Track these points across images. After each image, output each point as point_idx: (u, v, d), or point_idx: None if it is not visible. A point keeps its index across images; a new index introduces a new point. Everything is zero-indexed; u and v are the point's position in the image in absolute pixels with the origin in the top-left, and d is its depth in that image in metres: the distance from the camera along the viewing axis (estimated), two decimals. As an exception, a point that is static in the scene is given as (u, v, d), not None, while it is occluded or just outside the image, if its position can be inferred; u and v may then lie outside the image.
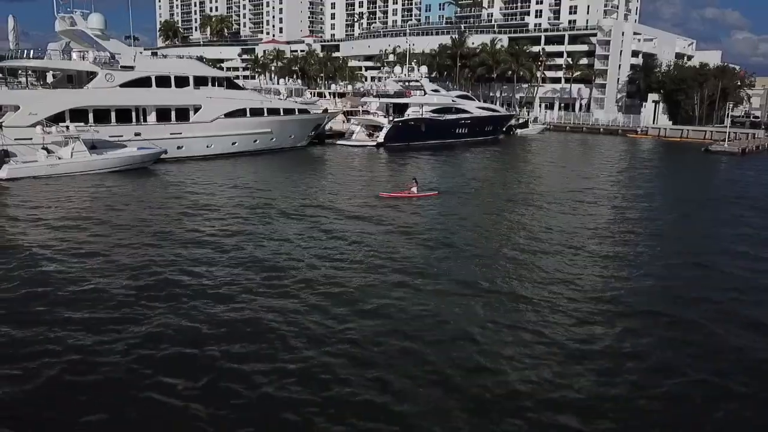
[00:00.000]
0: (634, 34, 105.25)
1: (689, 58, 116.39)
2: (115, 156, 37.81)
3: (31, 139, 36.24)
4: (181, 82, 44.16)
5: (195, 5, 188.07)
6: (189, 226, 24.43)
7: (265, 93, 59.02)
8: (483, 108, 74.01)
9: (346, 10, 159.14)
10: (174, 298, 16.14)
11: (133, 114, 41.78)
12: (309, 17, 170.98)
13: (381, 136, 60.77)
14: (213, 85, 46.24)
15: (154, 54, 56.04)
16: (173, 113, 43.78)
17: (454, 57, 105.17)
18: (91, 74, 40.74)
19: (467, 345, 13.72)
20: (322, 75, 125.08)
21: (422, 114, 64.57)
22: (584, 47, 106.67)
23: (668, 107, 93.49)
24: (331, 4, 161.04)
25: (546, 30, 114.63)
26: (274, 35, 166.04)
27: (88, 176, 35.61)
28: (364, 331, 14.26)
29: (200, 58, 60.48)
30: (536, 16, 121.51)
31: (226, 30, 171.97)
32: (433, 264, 19.77)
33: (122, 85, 40.98)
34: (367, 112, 65.99)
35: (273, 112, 50.04)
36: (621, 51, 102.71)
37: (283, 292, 16.83)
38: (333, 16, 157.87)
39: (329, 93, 79.16)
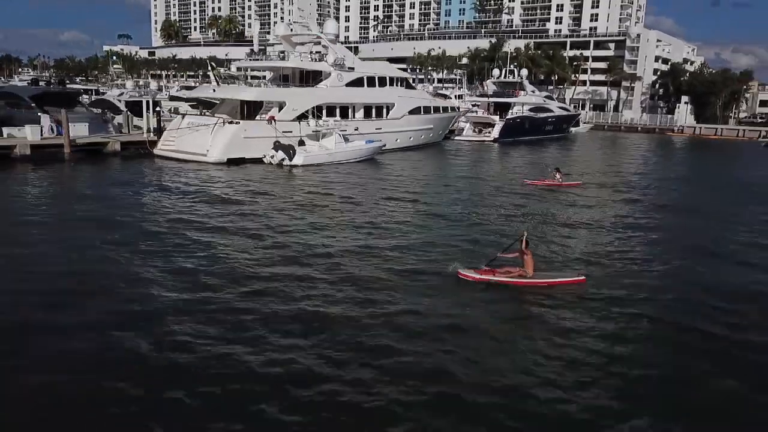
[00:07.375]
0: (657, 40, 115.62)
1: (691, 63, 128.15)
2: (362, 147, 42.19)
3: (291, 131, 40.38)
4: (381, 82, 48.83)
5: (195, 5, 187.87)
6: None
7: None
8: (561, 107, 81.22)
9: (361, 13, 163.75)
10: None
11: (350, 110, 46.24)
12: (317, 20, 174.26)
13: (496, 132, 66.77)
14: (398, 85, 51.04)
15: (152, 54, 58.50)
16: (373, 110, 48.39)
17: (490, 60, 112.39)
18: (318, 74, 44.99)
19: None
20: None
21: (523, 112, 71.07)
22: (608, 52, 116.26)
23: (695, 108, 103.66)
24: (346, 6, 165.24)
25: (568, 35, 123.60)
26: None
27: (345, 164, 40.15)
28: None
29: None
30: (556, 23, 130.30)
31: (233, 30, 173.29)
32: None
33: (347, 85, 45.36)
34: (476, 111, 71.95)
35: (436, 110, 55.30)
36: (645, 56, 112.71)
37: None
38: (348, 19, 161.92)
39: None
